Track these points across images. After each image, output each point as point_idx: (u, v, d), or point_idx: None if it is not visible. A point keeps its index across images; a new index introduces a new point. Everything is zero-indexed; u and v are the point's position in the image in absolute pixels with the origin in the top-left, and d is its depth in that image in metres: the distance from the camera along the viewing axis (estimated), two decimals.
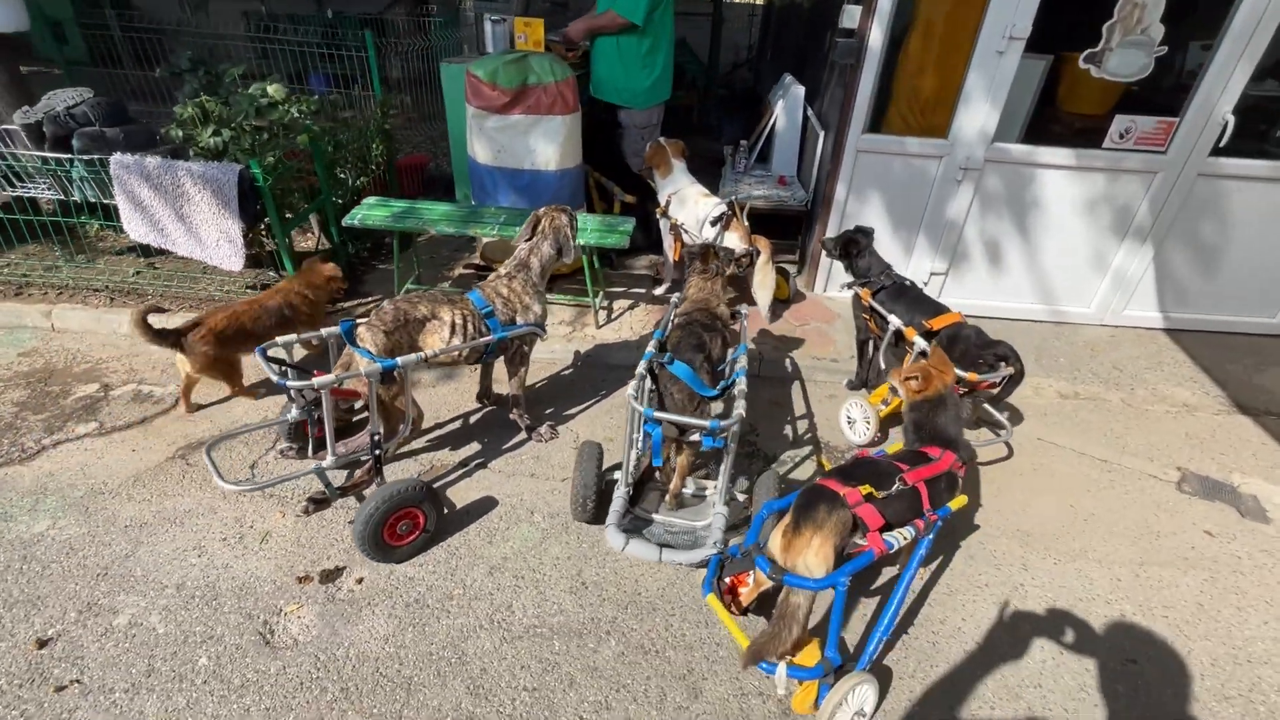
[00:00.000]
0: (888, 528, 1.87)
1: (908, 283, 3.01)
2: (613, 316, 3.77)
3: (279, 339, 2.29)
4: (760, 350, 3.55)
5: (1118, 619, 2.25)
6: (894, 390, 2.49)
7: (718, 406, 2.24)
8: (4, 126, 3.43)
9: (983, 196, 3.70)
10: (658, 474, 2.43)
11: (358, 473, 2.55)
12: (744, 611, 2.07)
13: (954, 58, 3.40)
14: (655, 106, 4.31)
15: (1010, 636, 2.16)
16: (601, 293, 3.89)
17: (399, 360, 2.27)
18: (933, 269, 3.94)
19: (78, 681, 1.86)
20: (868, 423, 2.99)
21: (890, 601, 1.91)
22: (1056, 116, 3.92)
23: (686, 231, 3.64)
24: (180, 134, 3.36)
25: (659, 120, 4.40)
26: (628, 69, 4.08)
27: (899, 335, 2.89)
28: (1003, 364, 2.63)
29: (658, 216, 3.84)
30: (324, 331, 2.39)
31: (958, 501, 2.05)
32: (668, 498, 2.39)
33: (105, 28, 7.49)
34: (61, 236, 3.68)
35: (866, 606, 2.23)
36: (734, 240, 3.51)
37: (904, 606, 2.18)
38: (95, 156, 3.11)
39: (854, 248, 3.08)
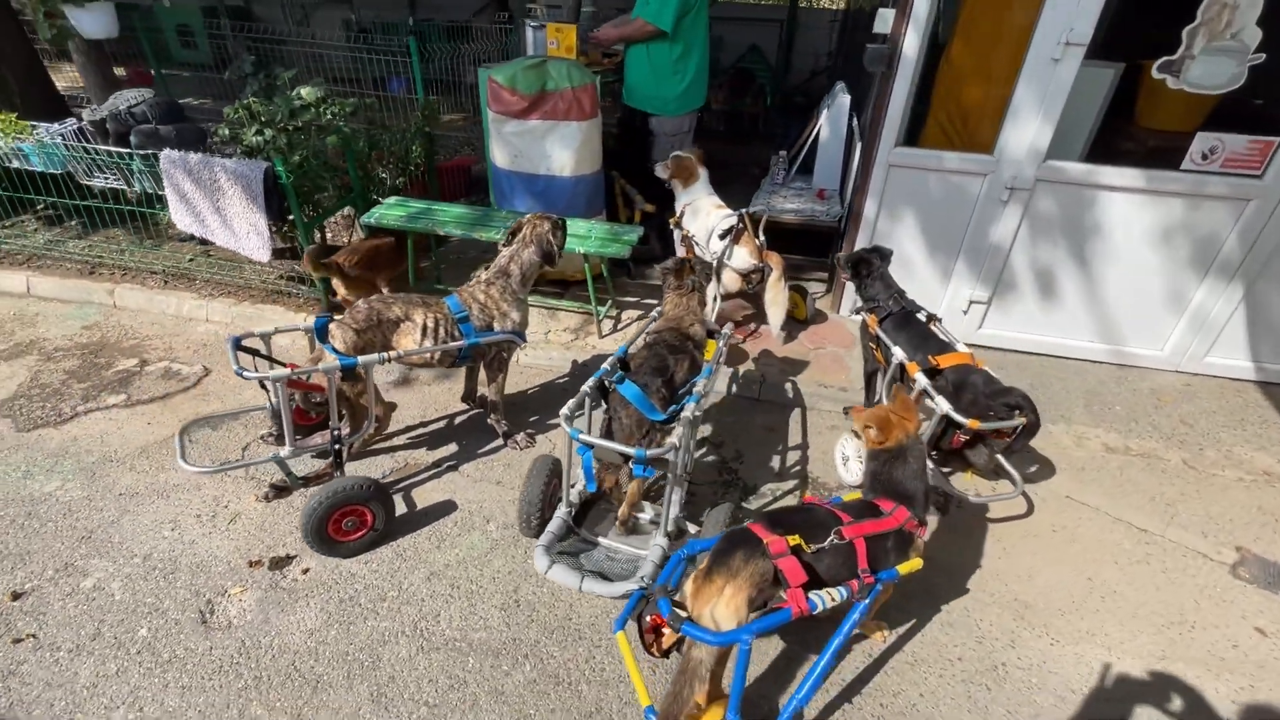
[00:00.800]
0: (817, 584, 1.68)
1: (920, 314, 2.73)
2: (618, 327, 3.70)
3: (255, 330, 2.39)
4: (763, 372, 3.36)
5: None
6: (855, 433, 2.27)
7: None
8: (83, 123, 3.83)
9: (1033, 220, 3.32)
10: (612, 496, 2.34)
11: (322, 465, 2.62)
12: (665, 654, 1.93)
13: (1002, 66, 3.07)
14: (687, 114, 4.21)
15: None
16: (611, 301, 3.82)
17: (359, 360, 2.30)
18: (973, 296, 3.58)
19: (33, 636, 2.01)
20: (862, 461, 2.74)
21: (814, 666, 1.71)
22: (1127, 133, 3.46)
23: (697, 244, 3.51)
24: (227, 132, 3.62)
25: (690, 128, 4.29)
26: (658, 76, 4.00)
27: (902, 369, 2.64)
28: (1016, 413, 2.32)
29: (672, 228, 3.73)
30: (300, 325, 2.48)
31: (909, 565, 1.77)
32: (617, 523, 2.29)
33: (224, 36, 8.29)
34: (137, 224, 4.06)
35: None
36: (743, 255, 3.35)
37: (830, 672, 1.97)
38: (149, 151, 3.40)
39: (865, 268, 2.84)
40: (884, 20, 3.08)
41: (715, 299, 3.51)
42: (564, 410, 1.98)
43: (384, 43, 6.72)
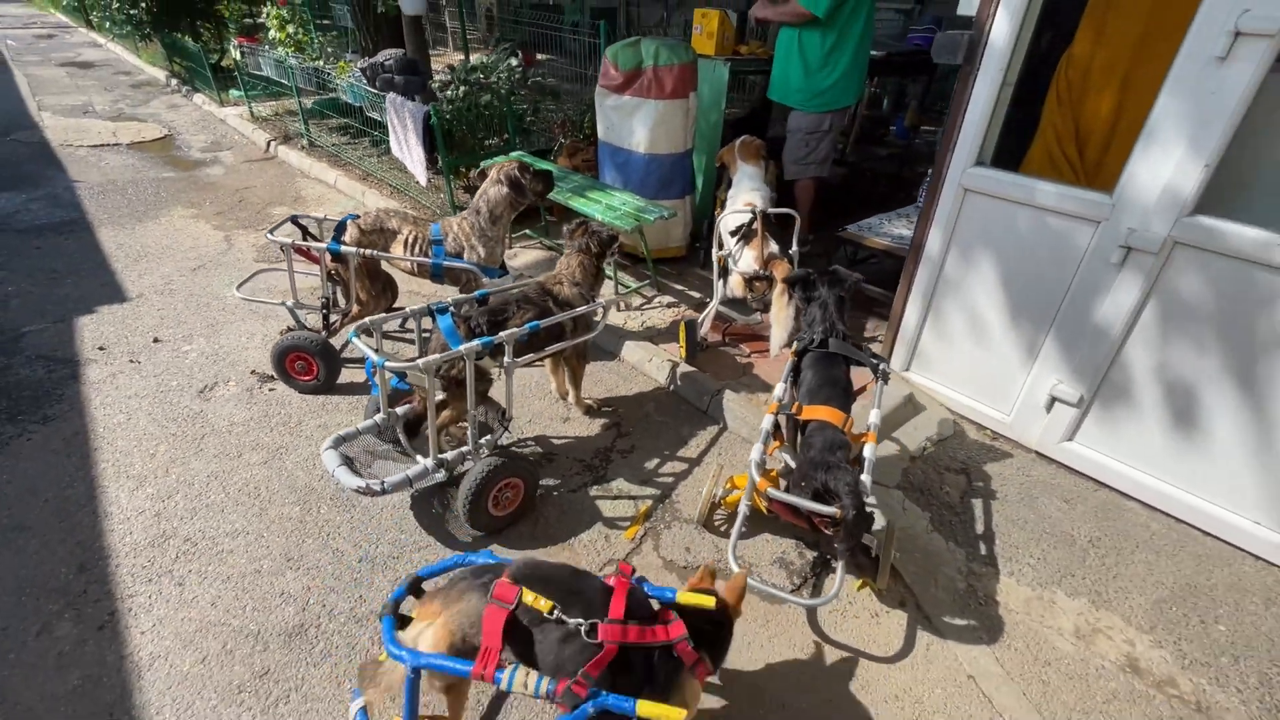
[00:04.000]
0: (530, 659, 1.39)
1: (840, 356, 2.15)
2: (640, 307, 3.68)
3: (314, 215, 3.22)
4: (727, 387, 2.99)
5: None
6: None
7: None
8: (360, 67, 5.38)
9: (1165, 301, 2.21)
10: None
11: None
12: None
13: (1148, 69, 2.11)
14: (830, 112, 3.82)
15: None
16: (650, 282, 3.81)
17: (342, 248, 2.93)
18: (1057, 393, 2.55)
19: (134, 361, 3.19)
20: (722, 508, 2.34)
21: None
22: None
23: (719, 240, 3.27)
24: (437, 84, 4.68)
25: (832, 127, 3.88)
26: (807, 67, 3.73)
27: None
28: (834, 501, 1.75)
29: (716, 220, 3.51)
30: (327, 216, 3.21)
31: (657, 710, 1.25)
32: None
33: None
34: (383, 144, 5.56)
35: None
36: (747, 258, 3.02)
37: None
38: (382, 93, 4.65)
39: (807, 290, 2.34)
40: (969, 1, 2.37)
41: (718, 300, 3.24)
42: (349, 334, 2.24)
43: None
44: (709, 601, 1.46)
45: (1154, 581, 2.20)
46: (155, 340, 3.37)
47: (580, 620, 1.33)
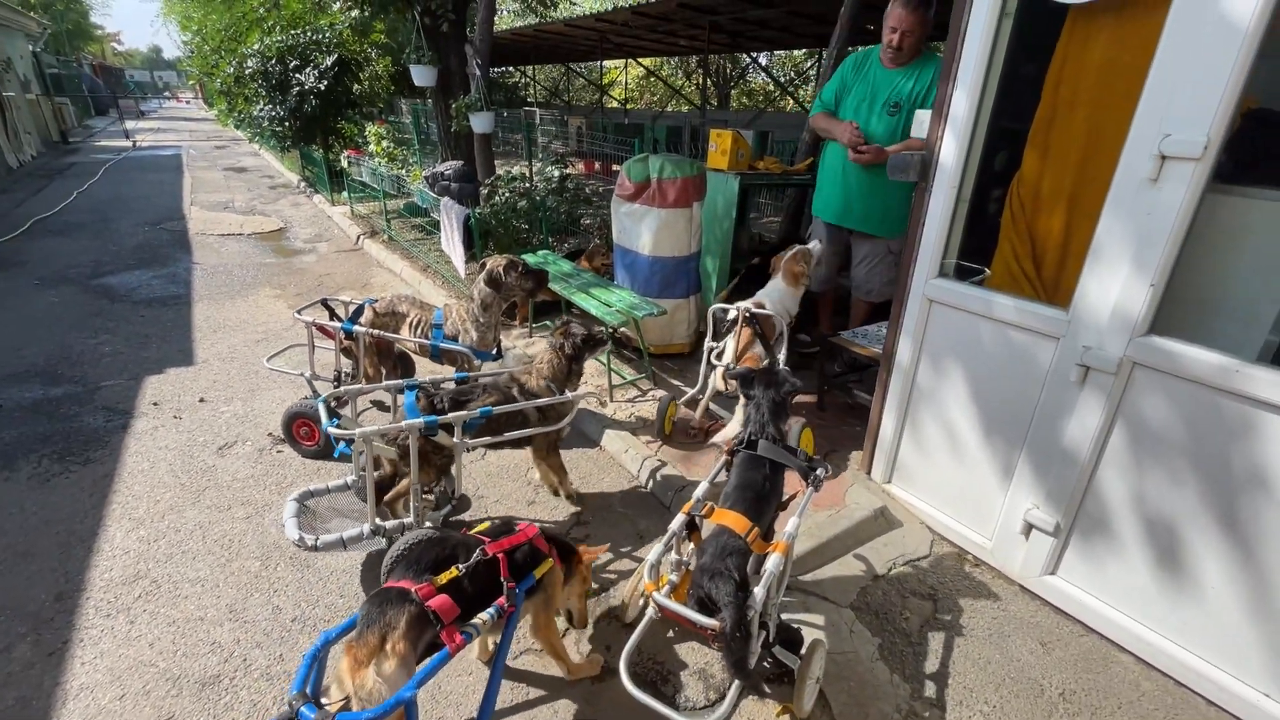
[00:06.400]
0: (467, 613, 1.67)
1: (765, 460, 2.12)
2: (631, 398, 3.76)
3: (341, 297, 3.64)
4: (698, 482, 2.96)
5: None
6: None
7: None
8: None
9: (1132, 425, 2.04)
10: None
11: None
12: None
13: (1092, 188, 2.08)
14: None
15: None
16: (647, 374, 3.90)
17: (354, 328, 3.29)
18: (1032, 518, 2.34)
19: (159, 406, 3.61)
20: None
21: (490, 687, 1.74)
22: None
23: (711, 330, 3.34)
24: (486, 191, 5.26)
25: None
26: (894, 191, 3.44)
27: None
28: (716, 612, 1.69)
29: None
30: (352, 300, 3.60)
31: (543, 568, 1.90)
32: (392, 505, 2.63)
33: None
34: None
35: None
36: (729, 352, 3.07)
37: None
38: (439, 197, 5.27)
39: (746, 388, 2.35)
40: (919, 124, 2.45)
41: (709, 392, 3.28)
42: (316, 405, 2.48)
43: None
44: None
45: None
46: (200, 400, 3.82)
47: (477, 555, 1.75)
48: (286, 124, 9.83)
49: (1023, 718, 1.99)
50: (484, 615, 1.69)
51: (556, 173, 5.17)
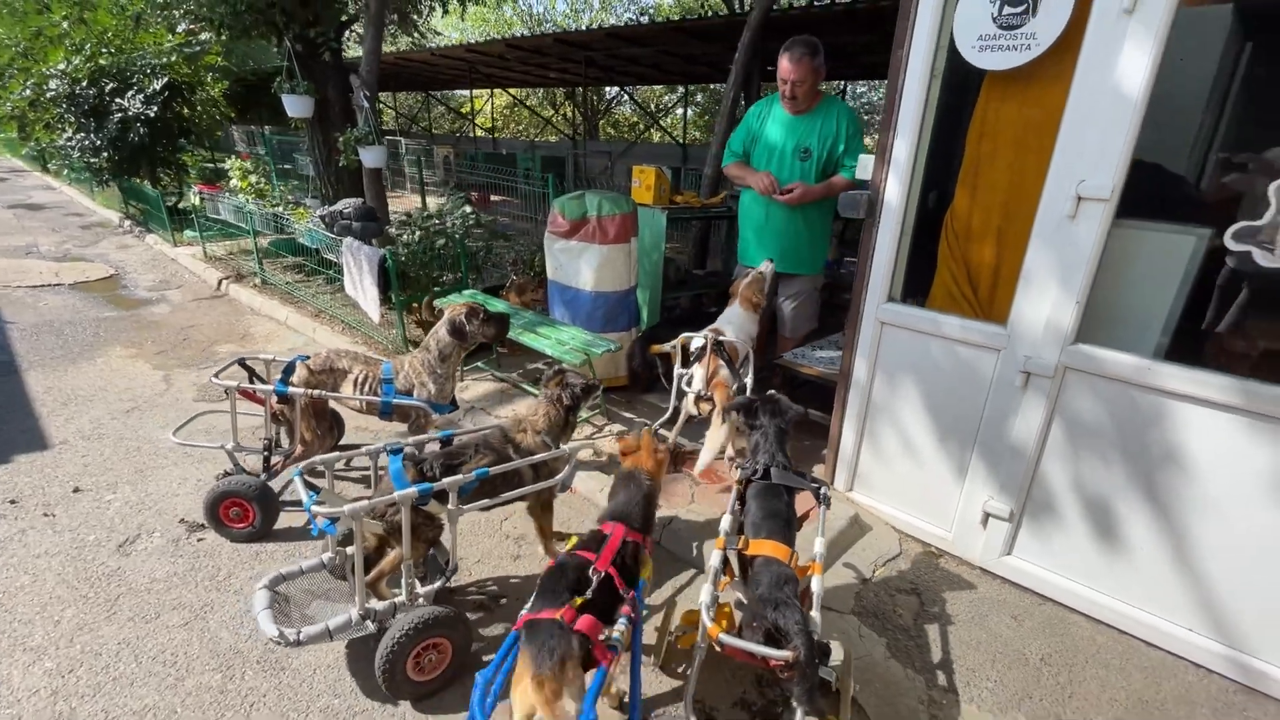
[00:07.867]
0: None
1: (781, 487, 2.23)
2: (591, 436, 3.74)
3: (261, 355, 3.23)
4: (674, 517, 3.01)
5: None
6: None
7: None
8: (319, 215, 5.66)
9: (1068, 421, 2.43)
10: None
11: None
12: None
13: (1015, 224, 2.48)
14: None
15: None
16: (600, 411, 3.90)
17: (289, 389, 2.93)
18: (990, 508, 2.68)
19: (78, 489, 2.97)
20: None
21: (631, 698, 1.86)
22: (1245, 329, 2.31)
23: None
24: (393, 230, 4.95)
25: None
26: (813, 232, 3.74)
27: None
28: (785, 642, 1.75)
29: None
30: (278, 357, 3.23)
31: (646, 571, 2.04)
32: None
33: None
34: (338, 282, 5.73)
35: None
36: (698, 379, 3.18)
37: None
38: (340, 238, 4.87)
39: (751, 418, 2.46)
40: (864, 166, 2.77)
41: (681, 419, 3.36)
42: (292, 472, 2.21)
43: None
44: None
45: (1108, 699, 2.22)
46: (75, 490, 3.18)
47: (592, 577, 1.82)
48: (105, 154, 8.53)
49: (1020, 685, 2.26)
50: (619, 626, 1.77)
51: (468, 209, 4.99)
